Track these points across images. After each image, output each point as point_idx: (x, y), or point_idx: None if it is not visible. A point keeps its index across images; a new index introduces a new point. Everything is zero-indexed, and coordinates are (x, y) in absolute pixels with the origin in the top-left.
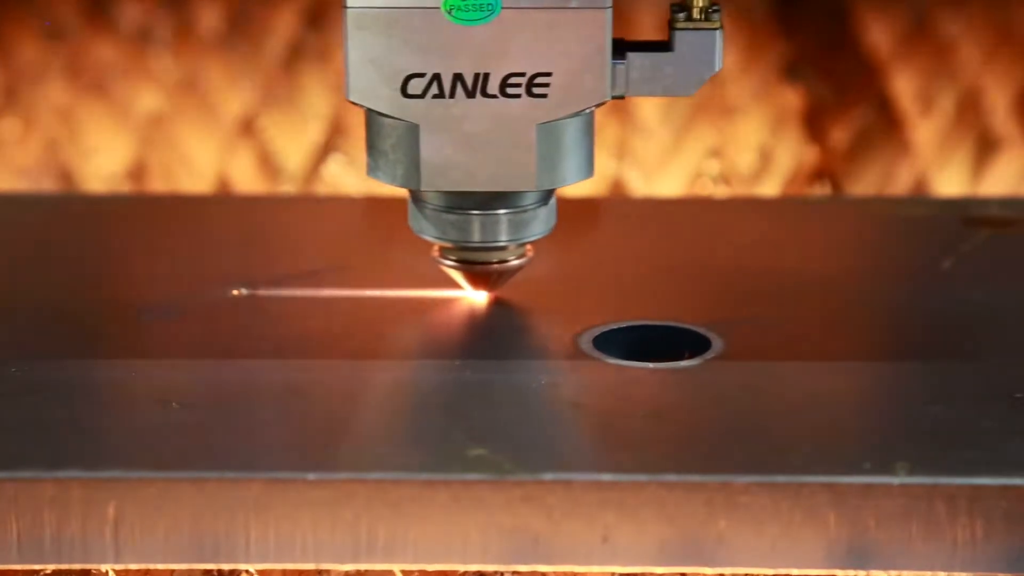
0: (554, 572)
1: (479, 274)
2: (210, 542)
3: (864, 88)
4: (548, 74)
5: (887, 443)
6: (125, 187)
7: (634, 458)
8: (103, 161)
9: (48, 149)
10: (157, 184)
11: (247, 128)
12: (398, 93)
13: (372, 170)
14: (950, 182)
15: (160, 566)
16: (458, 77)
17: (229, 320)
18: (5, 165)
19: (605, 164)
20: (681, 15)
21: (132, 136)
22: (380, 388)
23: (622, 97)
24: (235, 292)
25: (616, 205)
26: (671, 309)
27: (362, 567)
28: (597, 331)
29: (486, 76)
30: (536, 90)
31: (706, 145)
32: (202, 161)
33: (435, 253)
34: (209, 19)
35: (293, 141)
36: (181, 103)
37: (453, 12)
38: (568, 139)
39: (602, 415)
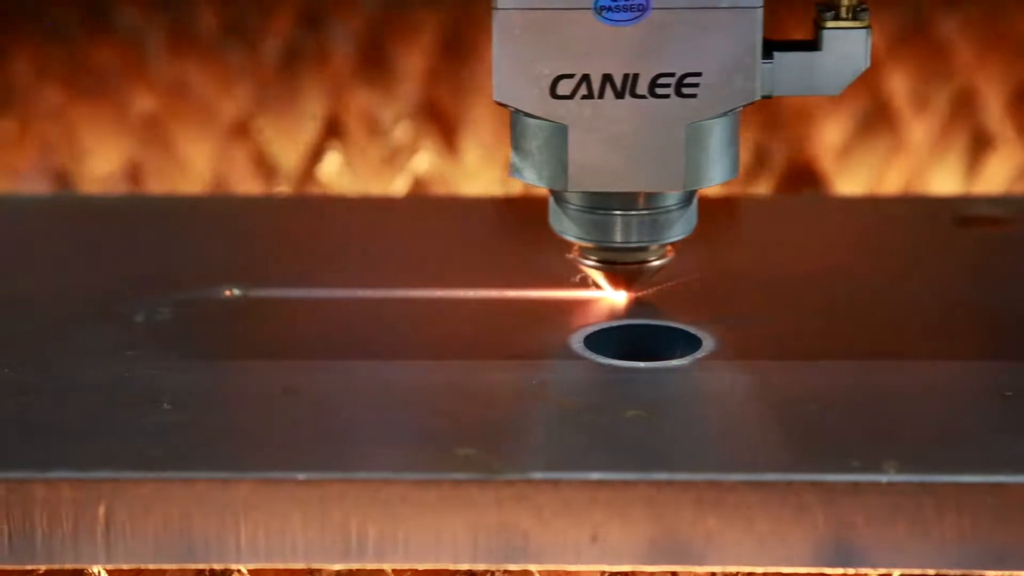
0: (544, 571)
1: (620, 275)
2: (201, 542)
3: (858, 86)
4: (698, 74)
5: (875, 441)
6: (121, 188)
7: (623, 457)
8: (99, 162)
9: (44, 150)
10: (153, 185)
11: (243, 129)
12: (547, 94)
13: (516, 170)
14: (944, 181)
15: (151, 566)
16: (607, 78)
17: (221, 321)
18: (2, 166)
19: None
20: (828, 14)
21: (128, 137)
22: (370, 388)
23: (769, 96)
24: (228, 293)
25: None
26: (662, 308)
27: (353, 567)
28: (588, 331)
29: (635, 76)
30: (685, 90)
31: None
32: (198, 162)
33: (575, 253)
34: (205, 20)
35: (289, 142)
36: (177, 104)
37: (603, 13)
38: (716, 139)
39: (592, 414)
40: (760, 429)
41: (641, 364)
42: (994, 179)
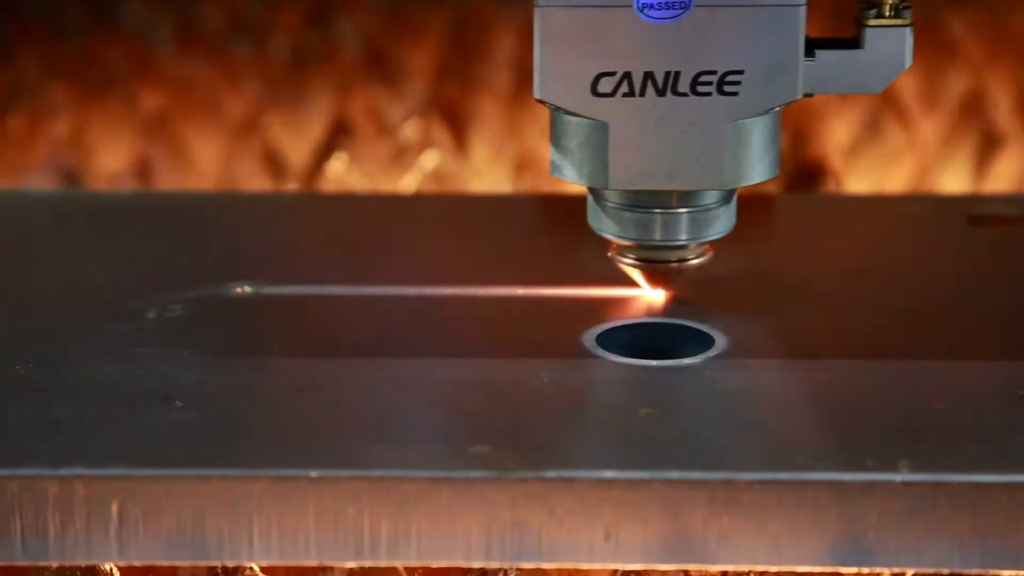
0: (557, 569)
1: (658, 273)
2: (213, 539)
3: None
4: (740, 72)
5: (890, 440)
6: (130, 185)
7: (636, 455)
8: (108, 159)
9: (53, 148)
10: (162, 182)
11: (251, 126)
12: (588, 91)
13: (556, 168)
14: (953, 179)
15: (164, 563)
16: (649, 75)
17: (233, 318)
18: (11, 164)
19: None
20: (871, 12)
21: (137, 134)
22: (382, 385)
23: (811, 95)
24: (239, 289)
25: None
26: (673, 307)
27: (366, 564)
28: (601, 328)
29: (677, 74)
30: (727, 88)
31: None
32: (206, 159)
33: (613, 251)
34: (214, 18)
35: (297, 139)
36: (185, 101)
37: (645, 10)
38: (757, 137)
39: (605, 412)
40: (773, 428)
41: (654, 362)
42: (1003, 177)
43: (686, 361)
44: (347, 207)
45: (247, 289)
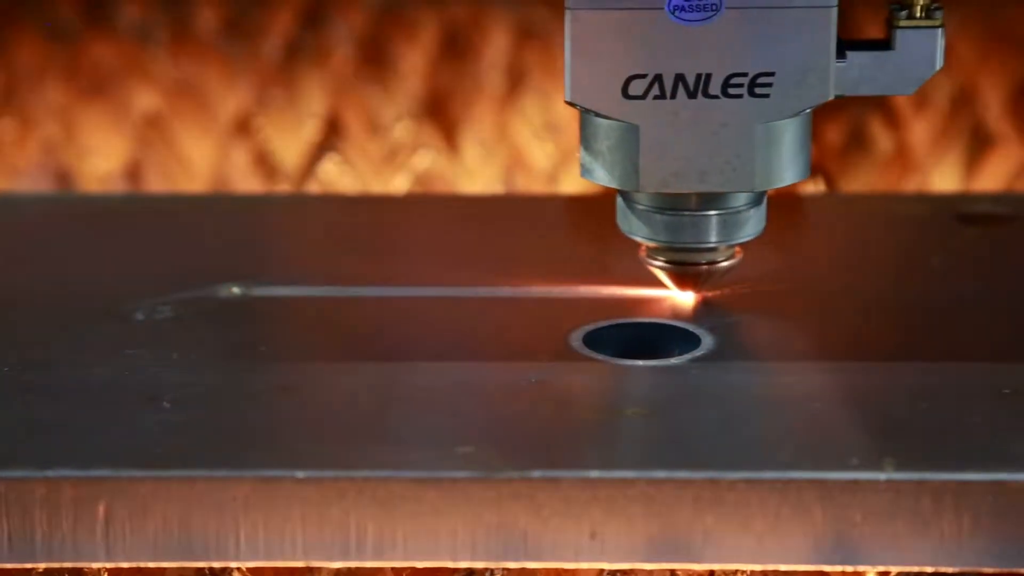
0: (543, 569)
1: (688, 275)
2: (200, 541)
3: None
4: (771, 74)
5: (874, 439)
6: (122, 187)
7: (622, 455)
8: (100, 161)
9: (45, 149)
10: (154, 184)
11: (243, 127)
12: (618, 94)
13: (587, 171)
14: (944, 178)
15: (151, 564)
16: (680, 77)
17: (221, 319)
18: (2, 165)
19: None
20: (903, 13)
21: (129, 136)
22: (368, 386)
23: (842, 97)
24: (229, 291)
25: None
26: (665, 307)
27: (352, 565)
28: (588, 328)
29: (708, 76)
30: (758, 90)
31: None
32: (198, 160)
33: (642, 253)
34: (206, 19)
35: (289, 140)
36: (177, 102)
37: (676, 12)
38: (788, 139)
39: (591, 412)
40: (759, 427)
41: (640, 362)
42: (993, 177)
43: (672, 361)
44: (339, 208)
45: (236, 291)
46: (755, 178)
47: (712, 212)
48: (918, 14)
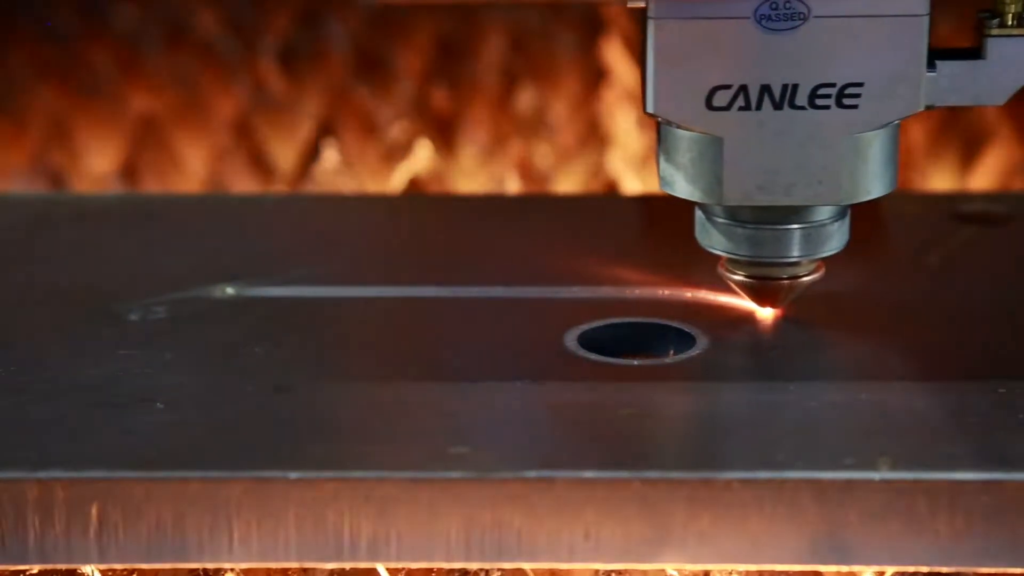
0: (537, 569)
1: (769, 290)
2: (194, 542)
3: None
4: (860, 84)
5: (869, 439)
6: (117, 187)
7: (617, 455)
8: (95, 161)
9: (40, 150)
10: (149, 184)
11: (240, 128)
12: (702, 105)
13: (666, 183)
14: (938, 177)
15: (144, 566)
16: (766, 88)
17: (215, 320)
18: None
19: (595, 162)
20: (993, 22)
21: (124, 136)
22: (363, 387)
23: (932, 107)
24: (223, 292)
25: (610, 203)
26: (659, 309)
27: (346, 565)
28: (582, 328)
29: (795, 87)
30: (846, 101)
31: None
32: (194, 161)
33: (721, 267)
34: (202, 20)
35: (286, 141)
36: (173, 103)
37: (762, 21)
38: (876, 151)
39: (585, 412)
40: (753, 427)
41: (635, 362)
42: (988, 175)
43: (667, 360)
44: (335, 208)
45: (230, 291)
46: (842, 191)
47: (795, 226)
48: (1010, 22)
